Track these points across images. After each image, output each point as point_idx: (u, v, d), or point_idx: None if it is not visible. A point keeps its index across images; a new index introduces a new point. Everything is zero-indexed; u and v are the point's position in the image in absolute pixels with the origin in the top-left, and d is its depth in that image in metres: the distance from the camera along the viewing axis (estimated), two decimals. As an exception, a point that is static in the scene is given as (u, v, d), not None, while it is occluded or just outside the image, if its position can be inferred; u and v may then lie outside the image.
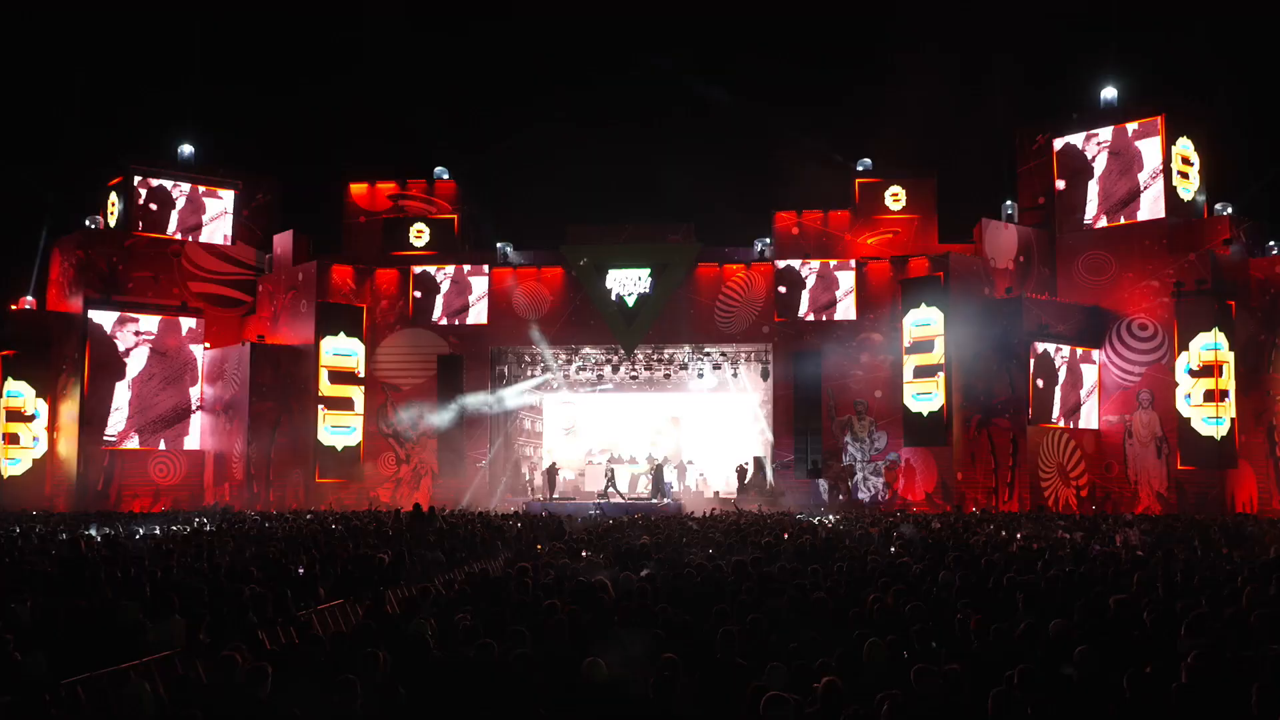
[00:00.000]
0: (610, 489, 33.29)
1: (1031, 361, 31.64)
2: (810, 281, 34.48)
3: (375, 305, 36.13)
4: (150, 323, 35.30)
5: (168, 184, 37.63)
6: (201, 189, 38.04)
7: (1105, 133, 34.14)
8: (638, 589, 10.04)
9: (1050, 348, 32.12)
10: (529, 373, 37.08)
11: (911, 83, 35.28)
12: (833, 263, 34.51)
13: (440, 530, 19.11)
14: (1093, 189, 34.24)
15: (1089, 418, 32.77)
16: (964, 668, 6.61)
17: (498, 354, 36.28)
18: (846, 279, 34.37)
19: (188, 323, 35.87)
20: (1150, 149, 33.39)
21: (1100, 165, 34.15)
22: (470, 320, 35.63)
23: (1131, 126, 33.74)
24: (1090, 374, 32.89)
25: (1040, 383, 31.80)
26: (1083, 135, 34.50)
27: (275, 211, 39.29)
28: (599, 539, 17.67)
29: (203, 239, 37.81)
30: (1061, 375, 32.34)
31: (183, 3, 48.49)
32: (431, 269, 35.91)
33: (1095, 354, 33.03)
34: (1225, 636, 7.41)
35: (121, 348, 34.78)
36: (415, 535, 18.14)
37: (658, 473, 34.02)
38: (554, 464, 34.83)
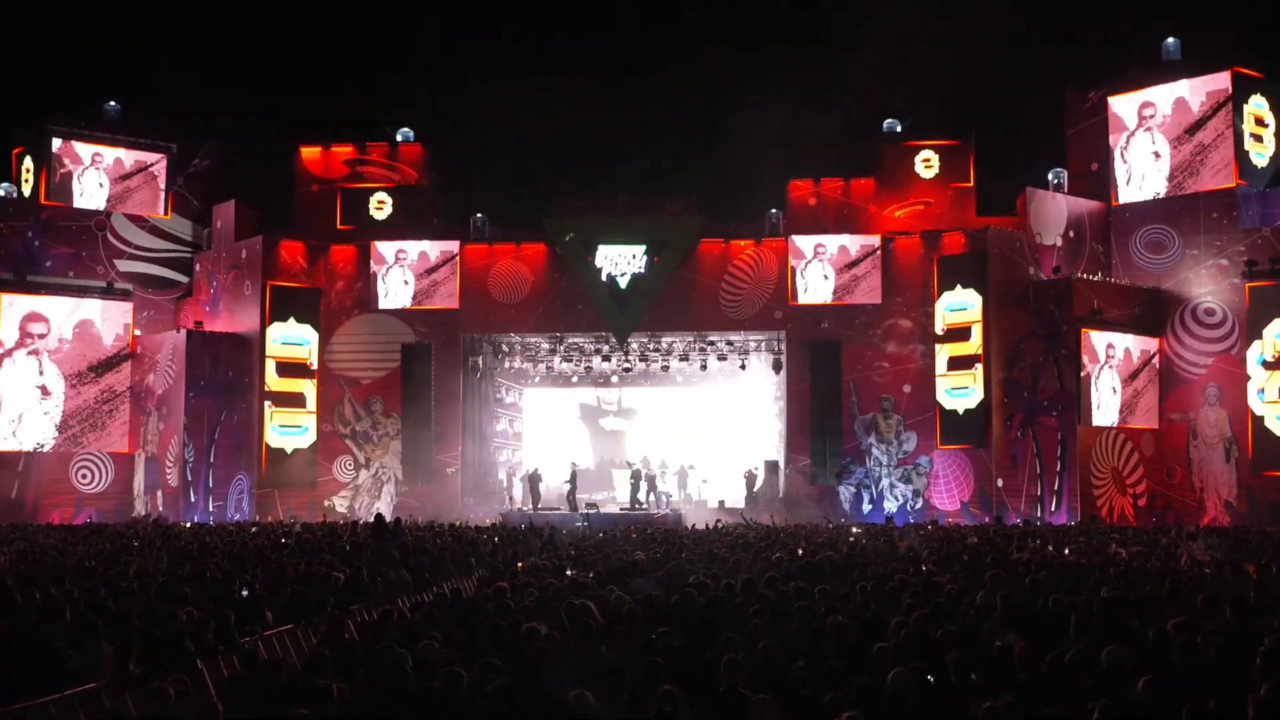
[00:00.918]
0: (571, 494, 33.25)
1: (1083, 352, 31.68)
2: (829, 260, 34.49)
3: (330, 287, 36.08)
4: (70, 306, 35.21)
5: (91, 147, 37.49)
6: (130, 153, 37.91)
7: (1167, 90, 34.14)
8: (631, 611, 10.03)
9: (1104, 336, 32.17)
10: (508, 364, 37.08)
11: (946, 32, 35.35)
12: (855, 238, 34.52)
13: (405, 545, 19.08)
14: (1153, 155, 34.26)
15: (1148, 416, 32.86)
16: (1012, 702, 6.61)
17: (471, 343, 36.24)
18: (871, 257, 34.38)
19: (114, 306, 35.77)
20: (1219, 109, 33.39)
21: (1161, 127, 34.16)
22: (440, 304, 35.60)
23: (1197, 83, 33.74)
24: (1150, 366, 32.95)
25: (1092, 376, 31.85)
26: (1142, 93, 34.50)
27: (215, 179, 39.16)
28: (587, 554, 17.66)
29: (131, 211, 37.69)
30: (1117, 367, 32.40)
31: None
32: (395, 245, 35.85)
33: (1155, 343, 33.10)
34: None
35: (37, 334, 34.70)
36: (376, 550, 18.11)
37: (636, 480, 33.94)
38: (536, 470, 34.84)
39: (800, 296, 34.51)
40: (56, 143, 36.98)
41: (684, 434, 40.26)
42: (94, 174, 37.45)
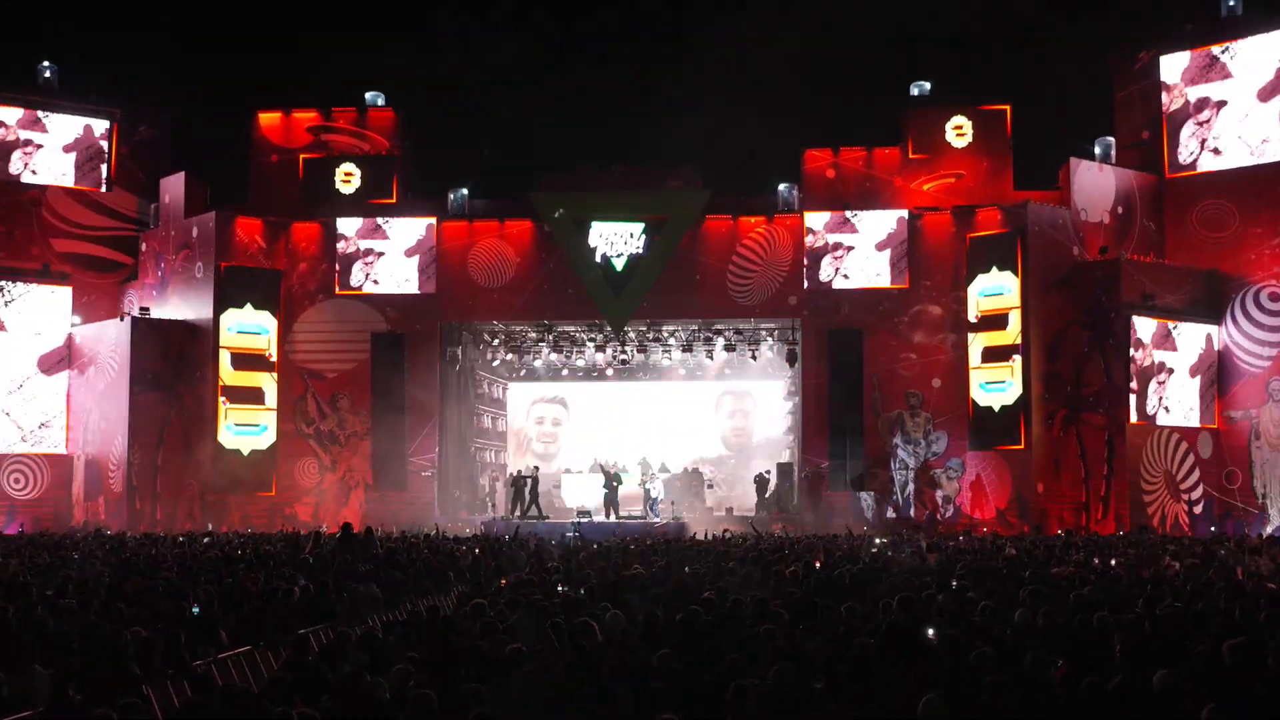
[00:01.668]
0: (516, 500, 33.25)
1: (1133, 341, 31.70)
2: (850, 238, 34.48)
3: (292, 269, 36.05)
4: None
5: (24, 113, 37.41)
6: (68, 120, 37.82)
7: (1227, 49, 34.10)
8: (628, 632, 10.04)
9: (1156, 323, 32.20)
10: (490, 355, 37.09)
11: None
12: (879, 214, 34.50)
13: (375, 557, 19.09)
14: (1211, 121, 34.23)
15: (1205, 413, 32.88)
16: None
17: (450, 331, 36.24)
18: (897, 235, 34.37)
19: (51, 291, 35.72)
20: (1285, 69, 33.38)
21: (1220, 90, 34.12)
22: (414, 288, 35.58)
23: (1261, 41, 33.69)
24: (1207, 357, 32.97)
25: (1144, 368, 31.88)
26: (1198, 52, 34.46)
27: (163, 149, 39.09)
28: (578, 568, 17.68)
29: (70, 184, 37.62)
30: (1170, 358, 32.42)
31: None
32: (364, 222, 35.81)
33: (1213, 331, 33.11)
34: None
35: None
36: (344, 564, 18.12)
37: (611, 485, 33.80)
38: (520, 473, 34.83)
39: (817, 280, 34.48)
40: (-15, 108, 36.96)
41: (687, 433, 40.28)
42: (28, 143, 37.35)
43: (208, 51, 46.90)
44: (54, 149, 37.70)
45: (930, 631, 10.04)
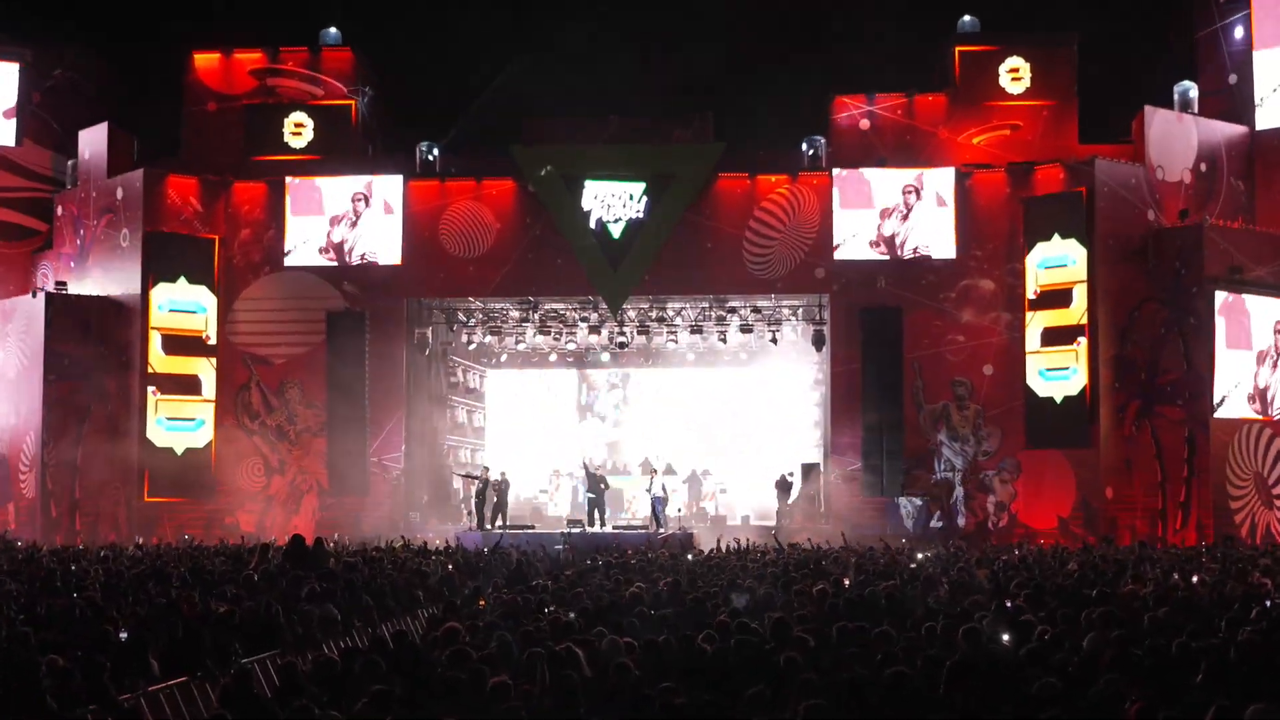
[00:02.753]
0: (480, 507, 33.24)
1: (1218, 320, 31.67)
2: (887, 200, 34.41)
3: (233, 236, 36.00)
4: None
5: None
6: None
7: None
8: (625, 662, 10.04)
9: (1245, 299, 32.17)
10: (466, 338, 37.05)
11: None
12: (921, 172, 34.44)
13: (331, 574, 19.09)
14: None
15: (1302, 405, 32.90)
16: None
17: (418, 309, 36.23)
18: (942, 196, 34.31)
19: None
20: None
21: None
22: (377, 258, 35.53)
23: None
24: (1304, 340, 32.97)
25: (1230, 353, 31.86)
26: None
27: (82, 96, 38.97)
28: (569, 587, 17.69)
29: (-29, 137, 37.62)
30: (1262, 341, 32.42)
31: None
32: (318, 181, 35.75)
33: (1312, 310, 33.09)
34: None
35: None
36: (295, 581, 18.11)
37: (596, 488, 33.74)
38: (504, 476, 34.79)
39: (848, 249, 34.42)
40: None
41: (696, 429, 40.27)
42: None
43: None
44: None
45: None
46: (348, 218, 35.68)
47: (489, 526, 32.74)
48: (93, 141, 36.67)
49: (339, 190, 35.68)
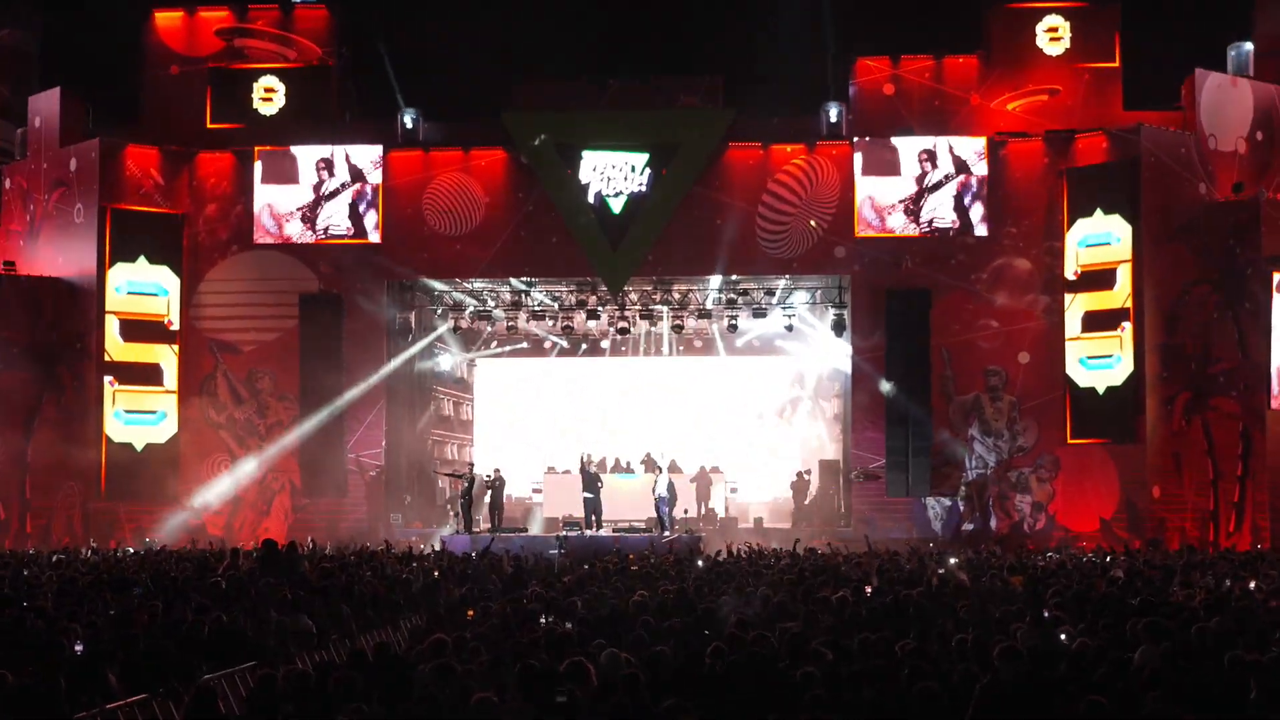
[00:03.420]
0: (467, 507, 33.29)
1: (1276, 303, 31.62)
2: (914, 172, 34.38)
3: (197, 212, 36.00)
4: None
5: None
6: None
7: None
8: (630, 677, 10.06)
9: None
10: (453, 322, 37.02)
11: None
12: (952, 141, 34.41)
13: (305, 581, 19.12)
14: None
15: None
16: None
17: (400, 292, 36.24)
18: (975, 168, 34.27)
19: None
20: None
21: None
22: (354, 236, 35.51)
23: None
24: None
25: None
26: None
27: (31, 59, 38.91)
28: (565, 595, 17.71)
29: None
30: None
31: None
32: (291, 152, 35.72)
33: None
34: None
35: None
36: (267, 590, 18.14)
37: (591, 484, 33.75)
38: (498, 474, 34.71)
39: (872, 225, 34.40)
40: None
41: (704, 423, 40.28)
42: None
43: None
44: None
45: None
46: (322, 191, 35.65)
47: (477, 529, 32.76)
48: (43, 108, 36.60)
49: (313, 161, 35.64)
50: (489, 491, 34.32)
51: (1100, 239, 32.98)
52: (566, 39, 43.16)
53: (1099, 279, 32.97)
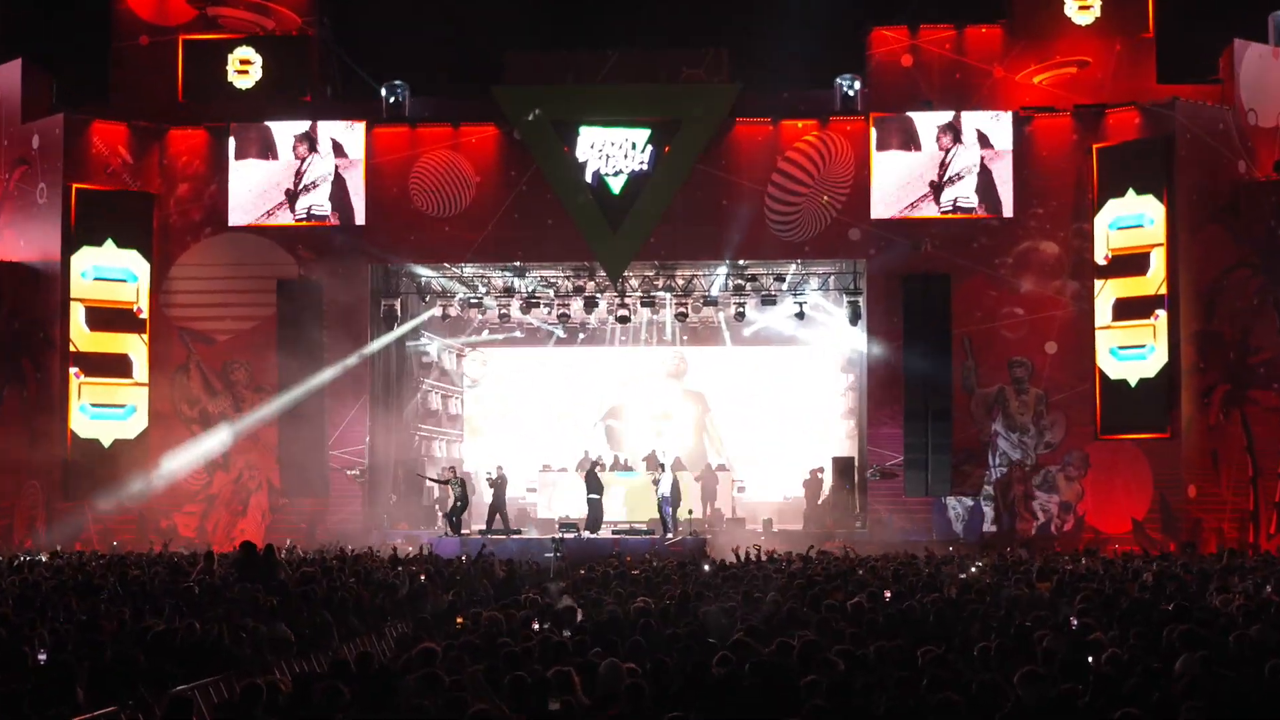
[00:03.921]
0: (455, 512, 33.35)
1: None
2: (933, 150, 34.37)
3: (169, 193, 35.97)
4: None
5: None
6: None
7: None
8: (633, 688, 10.07)
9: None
10: (441, 310, 37.00)
11: None
12: (974, 116, 34.39)
13: (284, 587, 19.14)
14: None
15: None
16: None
17: (385, 277, 36.25)
18: (999, 146, 34.25)
19: None
20: None
21: None
22: (336, 219, 35.49)
23: None
24: None
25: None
26: None
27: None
28: (561, 600, 17.74)
29: None
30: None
31: None
32: (268, 128, 35.70)
33: None
34: None
35: None
36: (243, 596, 18.17)
37: (596, 485, 33.75)
38: (500, 472, 34.53)
39: (888, 206, 34.40)
40: None
41: (710, 417, 40.28)
42: None
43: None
44: None
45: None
46: (301, 170, 35.62)
47: (466, 530, 32.77)
48: (4, 82, 36.50)
49: (291, 138, 35.60)
50: (492, 492, 34.17)
51: (1132, 221, 32.95)
52: (563, 8, 43.22)
53: (1131, 263, 32.94)
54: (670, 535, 32.43)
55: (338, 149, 35.57)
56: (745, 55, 35.82)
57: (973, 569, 23.39)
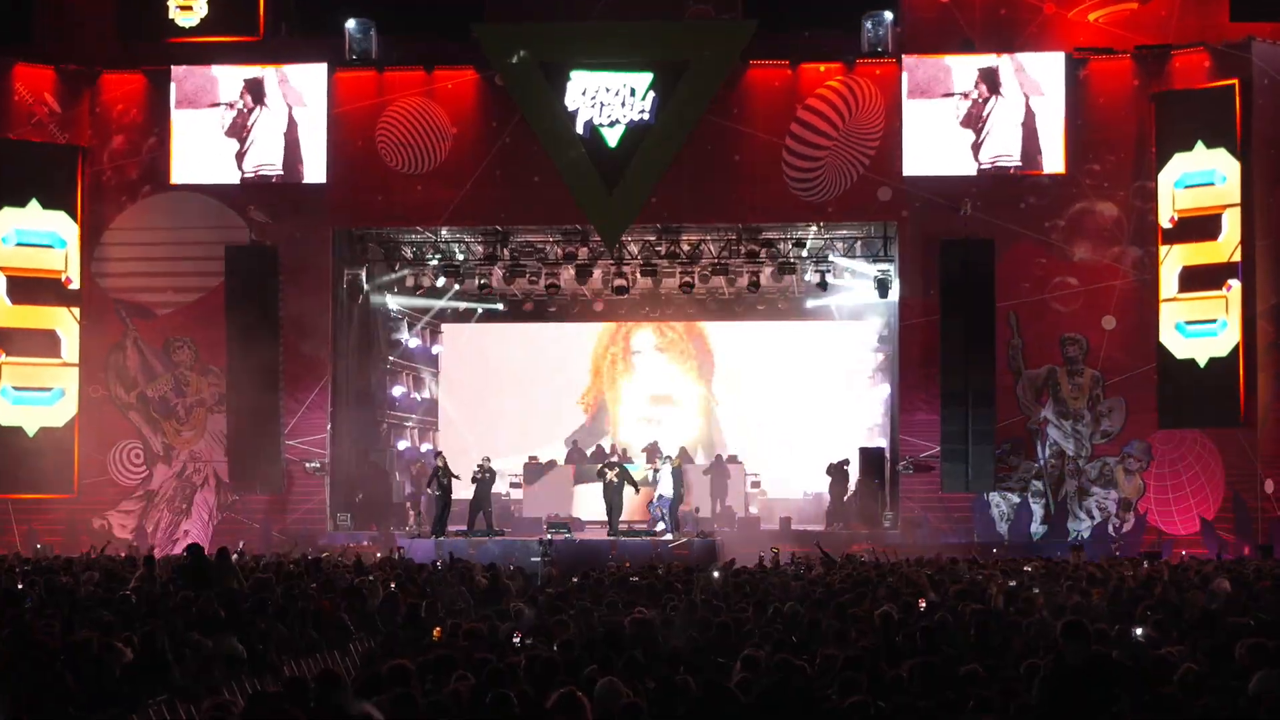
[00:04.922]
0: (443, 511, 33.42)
1: None
2: (975, 97, 34.35)
3: (101, 146, 36.00)
4: None
5: None
6: None
7: None
8: (630, 708, 10.10)
9: None
10: (413, 280, 37.01)
11: None
12: (1021, 58, 34.37)
13: (234, 596, 19.17)
14: None
15: None
16: None
17: (349, 242, 36.32)
18: (1049, 92, 34.24)
19: None
20: None
21: None
22: (293, 176, 35.50)
23: None
24: None
25: None
26: None
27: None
28: (551, 611, 17.78)
29: None
30: None
31: None
32: (214, 72, 35.68)
33: None
34: None
35: None
36: (187, 605, 18.19)
37: (615, 479, 33.79)
38: (487, 464, 34.50)
39: (923, 162, 34.40)
40: None
41: (719, 402, 40.34)
42: None
43: None
44: None
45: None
46: (251, 120, 35.58)
47: (453, 530, 32.84)
48: (-88, 20, 36.64)
49: (241, 83, 35.56)
50: (474, 486, 34.13)
51: (1202, 178, 32.95)
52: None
53: (1200, 227, 32.97)
54: (670, 536, 32.50)
55: (295, 96, 35.53)
56: (760, -9, 35.79)
57: (1021, 574, 23.44)
